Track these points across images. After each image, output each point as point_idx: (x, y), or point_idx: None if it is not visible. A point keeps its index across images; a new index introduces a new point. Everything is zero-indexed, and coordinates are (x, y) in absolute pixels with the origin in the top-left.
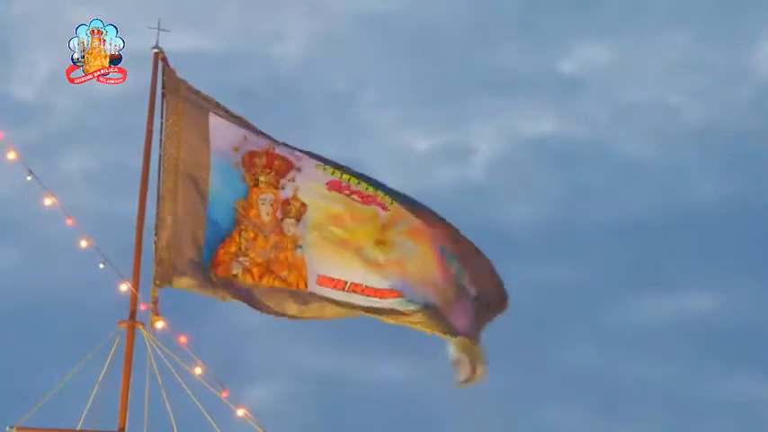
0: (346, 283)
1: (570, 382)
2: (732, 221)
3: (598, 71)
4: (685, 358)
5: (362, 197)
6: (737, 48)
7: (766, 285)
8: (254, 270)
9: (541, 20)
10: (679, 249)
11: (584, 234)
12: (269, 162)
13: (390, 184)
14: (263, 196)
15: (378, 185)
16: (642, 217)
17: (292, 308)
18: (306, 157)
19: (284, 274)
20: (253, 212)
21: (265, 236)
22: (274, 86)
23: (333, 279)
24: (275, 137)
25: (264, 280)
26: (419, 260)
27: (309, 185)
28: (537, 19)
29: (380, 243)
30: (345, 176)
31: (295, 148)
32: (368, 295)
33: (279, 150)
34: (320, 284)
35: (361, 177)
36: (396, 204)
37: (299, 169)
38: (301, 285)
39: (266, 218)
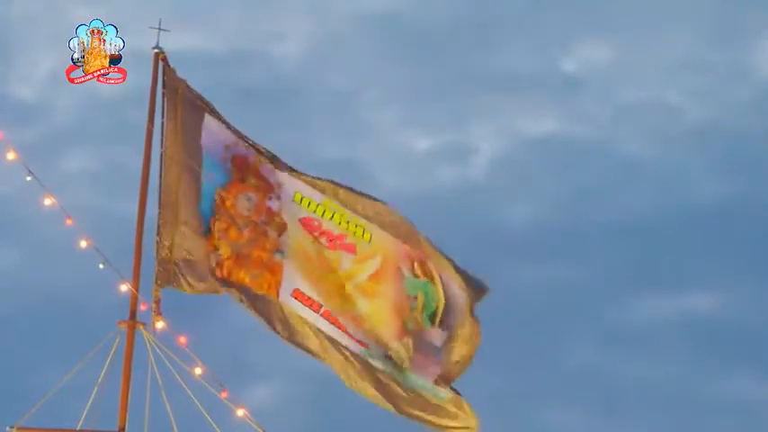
0: (321, 306)
1: (570, 382)
2: (732, 221)
3: (598, 71)
4: (685, 358)
5: (330, 240)
6: (737, 48)
7: (766, 285)
8: (225, 264)
9: (542, 19)
10: (679, 249)
11: (584, 234)
12: (258, 173)
13: (390, 184)
14: (248, 194)
15: (360, 199)
16: (642, 217)
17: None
18: (284, 186)
19: (256, 272)
20: (228, 203)
21: (239, 228)
22: (275, 86)
23: (309, 298)
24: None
25: (233, 276)
26: (374, 317)
27: (288, 213)
28: (537, 18)
29: (342, 297)
30: (320, 209)
31: (276, 169)
32: (338, 328)
33: (264, 171)
34: (294, 297)
35: (342, 189)
36: (370, 233)
37: (278, 197)
38: (271, 291)
39: (245, 212)
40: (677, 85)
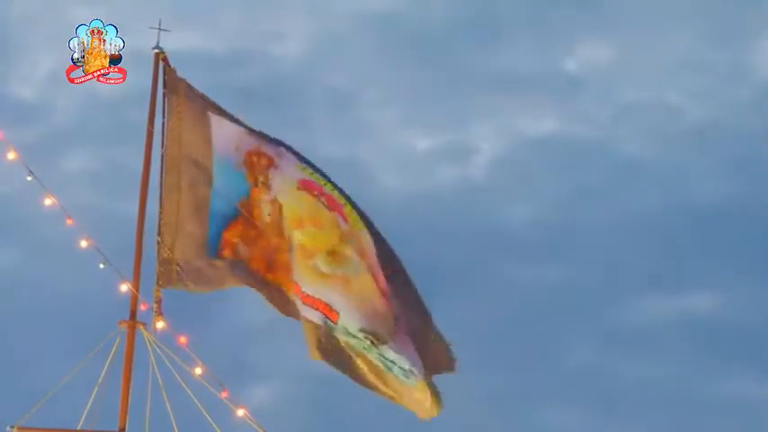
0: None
1: (570, 382)
2: (732, 221)
3: (599, 71)
4: (685, 358)
5: (330, 202)
6: (737, 48)
7: (766, 285)
8: (261, 263)
9: (542, 19)
10: (679, 249)
11: (584, 234)
12: (262, 161)
13: (390, 184)
14: (263, 197)
15: (351, 203)
16: (642, 217)
17: (294, 312)
18: (289, 154)
19: (288, 277)
20: (255, 212)
21: (267, 238)
22: (275, 86)
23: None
24: (276, 137)
25: (270, 276)
26: (363, 282)
27: (282, 185)
28: (538, 18)
29: (332, 254)
30: (321, 180)
31: (281, 144)
32: (303, 301)
33: (265, 148)
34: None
35: (336, 188)
36: (359, 229)
37: (276, 167)
38: (291, 289)
39: (267, 218)
40: (677, 85)
